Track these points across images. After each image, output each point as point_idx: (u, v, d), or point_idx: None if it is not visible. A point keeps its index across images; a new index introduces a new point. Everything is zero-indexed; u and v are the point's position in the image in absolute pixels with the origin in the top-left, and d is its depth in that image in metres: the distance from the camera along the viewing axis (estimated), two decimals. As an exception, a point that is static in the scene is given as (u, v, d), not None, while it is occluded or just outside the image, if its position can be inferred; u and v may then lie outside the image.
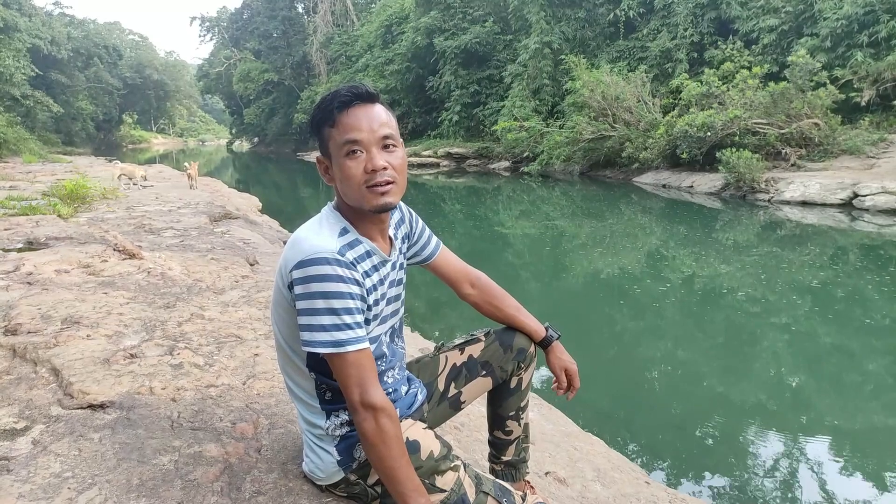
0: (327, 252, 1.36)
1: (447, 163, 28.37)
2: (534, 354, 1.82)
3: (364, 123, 1.38)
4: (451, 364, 1.80)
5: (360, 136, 1.37)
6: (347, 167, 1.39)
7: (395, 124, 1.45)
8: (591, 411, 4.18)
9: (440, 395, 1.79)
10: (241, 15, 56.38)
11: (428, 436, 1.51)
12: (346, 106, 1.39)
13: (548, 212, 15.11)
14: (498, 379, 1.80)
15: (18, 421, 1.95)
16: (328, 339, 1.35)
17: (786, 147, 15.79)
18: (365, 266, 1.44)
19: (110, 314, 3.10)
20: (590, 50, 24.69)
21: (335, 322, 1.34)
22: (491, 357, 1.77)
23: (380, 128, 1.39)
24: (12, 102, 38.17)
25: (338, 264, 1.35)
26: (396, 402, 1.58)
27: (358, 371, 1.36)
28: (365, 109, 1.40)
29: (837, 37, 16.89)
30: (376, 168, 1.37)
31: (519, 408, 1.84)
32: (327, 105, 1.41)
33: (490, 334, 1.81)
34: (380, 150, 1.39)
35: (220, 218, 8.13)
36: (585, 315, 6.78)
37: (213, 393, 2.20)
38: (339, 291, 1.34)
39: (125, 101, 67.45)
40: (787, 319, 6.20)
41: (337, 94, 1.41)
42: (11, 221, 6.40)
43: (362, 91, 1.41)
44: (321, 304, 1.34)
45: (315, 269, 1.34)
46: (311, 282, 1.34)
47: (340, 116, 1.39)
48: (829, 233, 10.83)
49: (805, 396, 4.63)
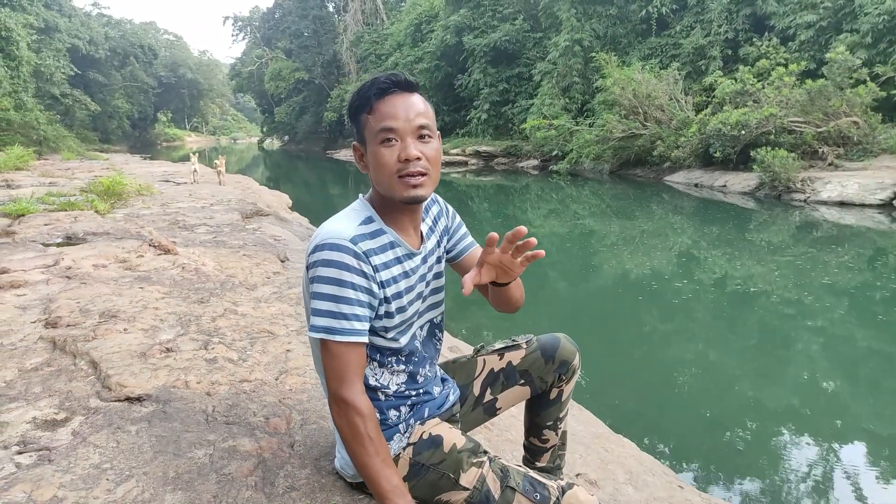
0: (339, 238, 1.36)
1: (475, 161, 28.31)
2: (577, 367, 1.74)
3: (401, 112, 1.37)
4: (488, 369, 1.75)
5: (396, 125, 1.36)
6: (381, 154, 1.37)
7: (432, 115, 1.43)
8: (622, 412, 4.13)
9: (475, 400, 1.75)
10: (273, 14, 57.10)
11: (453, 432, 1.50)
12: (384, 93, 1.38)
13: (577, 210, 14.98)
14: (537, 389, 1.74)
15: (59, 412, 1.99)
16: (322, 325, 1.35)
17: (823, 146, 15.40)
18: (383, 258, 1.42)
19: (146, 308, 3.16)
20: (621, 47, 24.39)
21: (331, 309, 1.35)
22: (531, 366, 1.71)
23: (416, 117, 1.38)
24: (52, 101, 39.24)
25: (347, 252, 1.35)
26: (426, 403, 1.57)
27: (340, 363, 1.36)
28: (403, 98, 1.39)
29: (879, 32, 16.41)
30: (409, 157, 1.36)
31: (557, 418, 1.79)
32: (365, 91, 1.40)
33: (532, 342, 1.74)
34: (415, 139, 1.38)
35: (251, 215, 8.23)
36: (615, 315, 6.70)
37: (247, 388, 2.23)
38: (341, 279, 1.34)
39: (160, 99, 68.81)
40: (823, 322, 6.05)
41: (375, 81, 1.39)
42: (51, 217, 6.57)
43: (401, 79, 1.39)
44: (325, 288, 1.35)
45: (325, 254, 1.35)
46: (319, 266, 1.36)
47: (377, 104, 1.38)
48: (867, 234, 10.53)
49: (841, 401, 4.51)
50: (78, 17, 51.47)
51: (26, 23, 32.18)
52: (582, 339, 1.86)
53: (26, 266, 4.21)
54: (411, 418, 1.54)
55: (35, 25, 35.24)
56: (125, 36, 61.08)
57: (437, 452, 1.46)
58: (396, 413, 1.53)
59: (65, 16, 47.44)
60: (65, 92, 41.65)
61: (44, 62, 37.44)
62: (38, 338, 2.72)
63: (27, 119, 26.84)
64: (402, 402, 1.54)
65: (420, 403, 1.57)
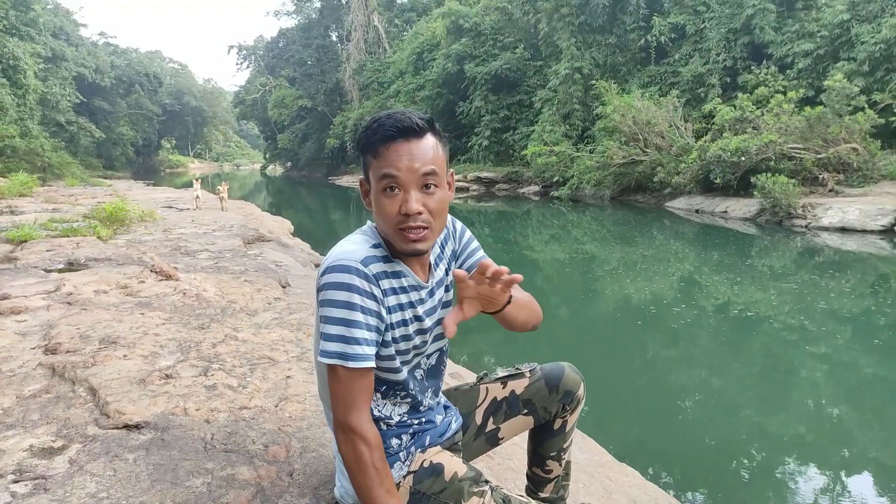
0: (350, 260, 1.32)
1: (477, 187, 28.45)
2: (581, 397, 1.71)
3: (404, 162, 1.30)
4: (491, 397, 1.71)
5: (399, 174, 1.30)
6: (382, 203, 1.33)
7: (442, 158, 1.37)
8: (625, 440, 4.08)
9: (477, 429, 1.72)
10: (277, 43, 57.90)
11: (454, 460, 1.48)
12: (390, 140, 1.32)
13: (578, 236, 15.00)
14: (540, 419, 1.70)
15: (56, 440, 1.97)
16: (334, 350, 1.31)
17: (823, 172, 15.47)
18: (393, 283, 1.39)
19: (146, 334, 3.15)
20: (620, 75, 24.68)
21: (343, 333, 1.30)
22: (534, 396, 1.67)
23: (422, 166, 1.31)
24: (57, 128, 39.65)
25: (357, 274, 1.31)
26: (428, 431, 1.55)
27: (350, 390, 1.32)
28: (409, 145, 1.32)
29: (876, 61, 16.62)
30: (410, 212, 1.30)
31: (561, 448, 1.75)
32: (371, 136, 1.34)
33: (536, 371, 1.70)
34: (418, 190, 1.32)
35: (253, 240, 8.25)
36: (618, 341, 6.66)
37: (246, 415, 2.21)
38: (351, 302, 1.30)
39: (164, 126, 69.43)
40: (827, 349, 6.00)
41: (382, 126, 1.33)
42: (53, 243, 6.58)
43: (408, 126, 1.31)
44: (335, 312, 1.31)
45: (336, 277, 1.31)
46: (329, 288, 1.31)
47: (382, 149, 1.32)
48: (869, 260, 10.51)
49: (846, 429, 4.46)
50: (85, 47, 52.21)
51: (34, 52, 32.69)
52: (584, 366, 1.84)
53: (27, 292, 4.21)
54: (412, 446, 1.52)
55: (42, 55, 35.77)
56: (131, 64, 61.90)
57: (439, 481, 1.43)
58: (398, 441, 1.51)
59: (72, 45, 48.15)
60: (70, 119, 42.09)
61: (50, 90, 37.93)
62: (38, 364, 2.70)
63: (32, 146, 27.09)
64: (404, 430, 1.52)
65: (422, 432, 1.55)
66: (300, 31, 54.47)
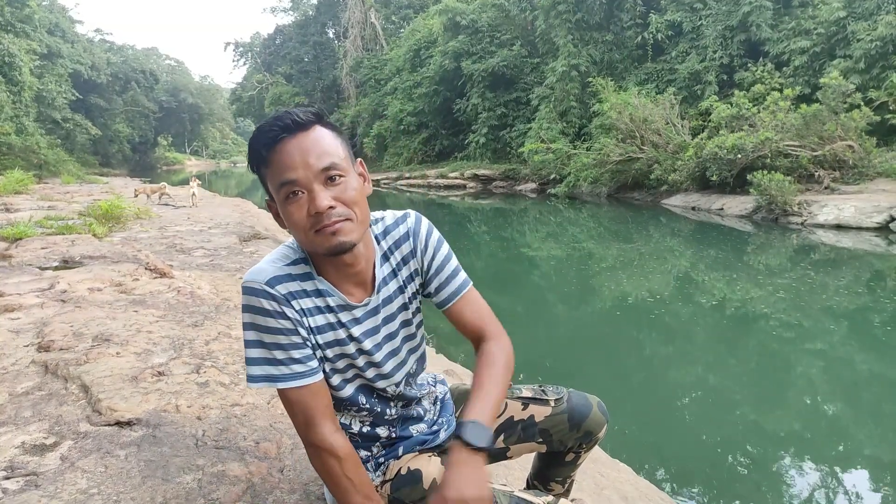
0: (255, 282, 1.24)
1: (474, 184, 28.45)
2: (601, 438, 1.60)
3: (297, 159, 1.17)
4: (508, 415, 1.56)
5: (296, 176, 1.17)
6: (289, 213, 1.20)
7: (341, 147, 1.24)
8: (619, 437, 4.09)
9: None
10: (274, 40, 57.75)
11: (432, 463, 1.40)
12: (275, 142, 1.19)
13: (575, 234, 15.01)
14: (554, 448, 1.59)
15: (48, 436, 1.98)
16: (261, 374, 1.25)
17: (819, 170, 15.49)
18: (314, 302, 1.29)
19: (140, 332, 3.15)
20: (617, 72, 24.67)
21: (264, 356, 1.25)
22: (553, 427, 1.55)
23: (318, 159, 1.18)
24: (53, 125, 39.60)
25: (263, 296, 1.23)
26: (401, 443, 1.48)
27: (299, 408, 1.27)
28: (297, 141, 1.19)
29: (872, 58, 16.63)
30: (320, 210, 1.17)
31: (568, 476, 1.68)
32: (255, 144, 1.21)
33: (561, 401, 1.55)
34: (323, 185, 1.19)
35: (249, 238, 8.25)
36: (613, 339, 6.68)
37: (238, 412, 2.22)
38: (266, 326, 1.24)
39: (160, 123, 69.33)
40: (823, 346, 6.03)
41: (261, 130, 1.20)
42: (48, 240, 6.57)
43: (289, 122, 1.19)
44: (250, 335, 1.26)
45: (244, 299, 1.25)
46: (244, 311, 1.26)
47: (271, 155, 1.19)
48: (865, 257, 10.55)
49: (841, 426, 4.48)
50: (81, 43, 52.06)
51: (29, 48, 32.59)
52: (578, 362, 1.85)
53: (21, 290, 4.21)
54: (382, 456, 1.47)
55: (38, 51, 35.68)
56: (127, 61, 61.77)
57: (417, 489, 1.36)
58: (367, 453, 1.47)
59: (68, 42, 47.99)
60: (66, 116, 42.03)
61: (46, 87, 37.87)
62: (31, 361, 2.71)
63: (28, 143, 27.06)
64: (371, 442, 1.47)
65: (391, 445, 1.49)
66: (297, 27, 54.33)
